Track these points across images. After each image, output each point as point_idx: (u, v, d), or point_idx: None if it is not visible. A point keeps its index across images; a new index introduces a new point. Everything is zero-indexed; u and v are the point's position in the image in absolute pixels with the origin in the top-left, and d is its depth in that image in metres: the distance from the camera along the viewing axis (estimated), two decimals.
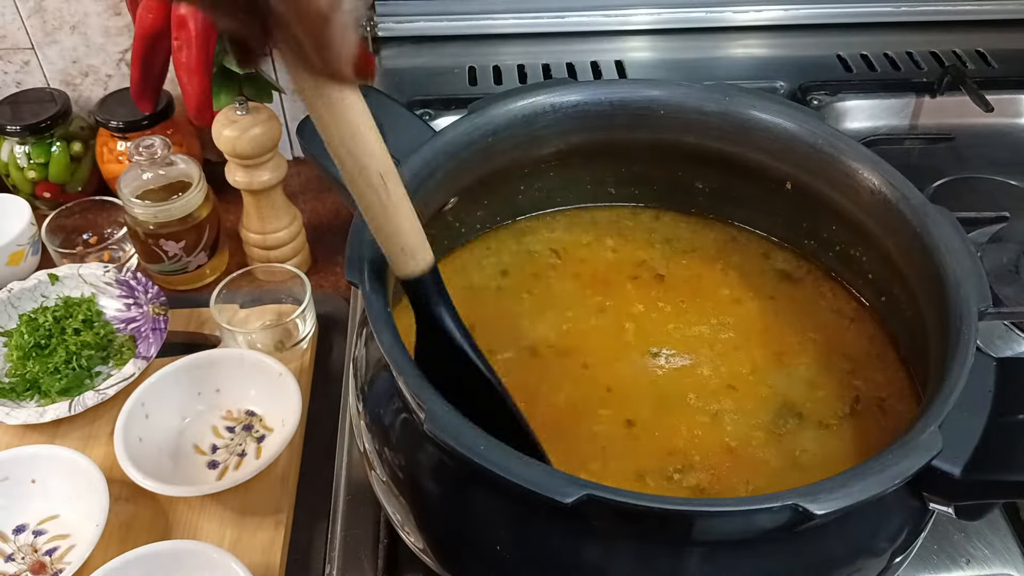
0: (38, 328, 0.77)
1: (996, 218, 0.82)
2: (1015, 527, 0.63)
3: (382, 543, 0.61)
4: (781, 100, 0.60)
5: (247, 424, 0.73)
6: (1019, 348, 0.73)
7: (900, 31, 1.06)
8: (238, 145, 0.78)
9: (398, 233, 0.43)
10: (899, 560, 0.47)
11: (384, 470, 0.51)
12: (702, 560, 0.43)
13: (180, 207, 0.81)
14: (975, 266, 0.49)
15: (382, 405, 0.51)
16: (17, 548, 0.64)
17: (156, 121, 0.91)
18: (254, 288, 0.80)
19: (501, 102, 0.59)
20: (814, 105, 0.96)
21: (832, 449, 0.54)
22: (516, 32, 1.03)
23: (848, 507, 0.39)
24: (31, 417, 0.70)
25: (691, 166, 0.64)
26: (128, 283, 0.81)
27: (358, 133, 0.40)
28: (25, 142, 0.91)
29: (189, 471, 0.69)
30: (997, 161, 0.94)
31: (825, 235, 0.62)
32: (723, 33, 1.06)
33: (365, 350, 0.55)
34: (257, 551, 0.64)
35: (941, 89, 0.97)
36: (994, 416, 0.44)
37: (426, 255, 0.45)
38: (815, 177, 0.59)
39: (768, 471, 0.52)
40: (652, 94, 0.61)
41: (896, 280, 0.56)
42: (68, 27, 0.93)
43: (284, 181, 0.84)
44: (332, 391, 0.75)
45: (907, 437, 0.42)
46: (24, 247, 0.85)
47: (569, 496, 0.38)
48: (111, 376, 0.74)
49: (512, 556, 0.45)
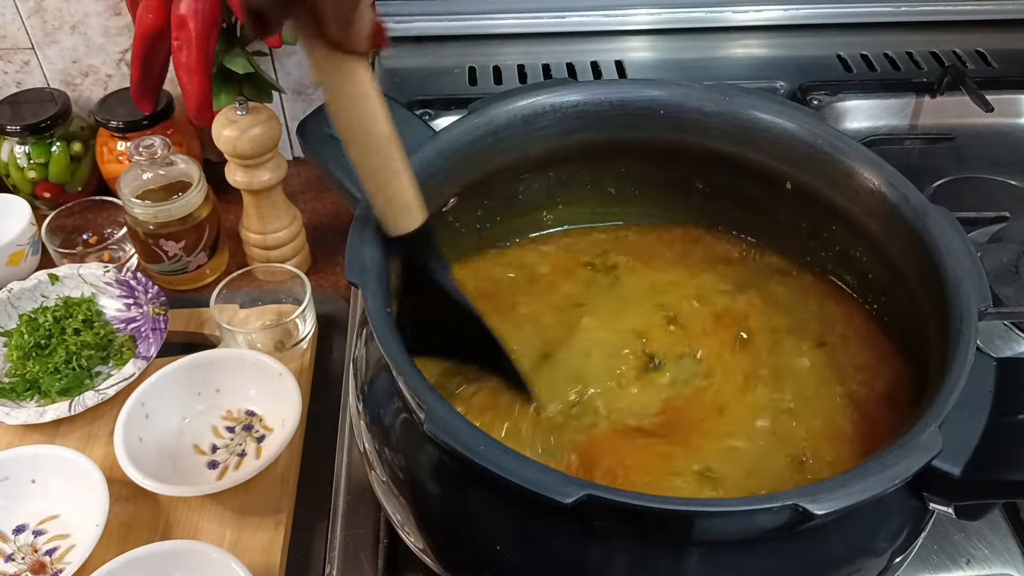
0: (38, 328, 0.77)
1: (996, 218, 0.82)
2: (1015, 527, 0.63)
3: (382, 543, 0.61)
4: (781, 100, 0.60)
5: (247, 424, 0.73)
6: (1019, 348, 0.73)
7: (900, 31, 1.06)
8: (238, 145, 0.78)
9: (402, 191, 0.47)
10: (899, 560, 0.47)
11: (384, 470, 0.51)
12: (702, 560, 0.43)
13: (180, 207, 0.81)
14: (975, 266, 0.49)
15: (382, 405, 0.51)
16: (17, 548, 0.64)
17: (156, 121, 0.91)
18: (254, 288, 0.80)
19: (501, 102, 0.58)
20: (814, 105, 0.96)
21: (833, 447, 0.54)
22: (516, 32, 1.03)
23: (848, 507, 0.39)
24: (31, 417, 0.70)
25: (691, 166, 0.64)
26: (128, 283, 0.81)
27: (368, 100, 0.43)
28: (25, 142, 0.91)
29: (189, 471, 0.69)
30: (997, 161, 0.94)
31: (825, 235, 0.62)
32: (723, 33, 1.05)
33: (365, 350, 0.55)
34: (257, 551, 0.64)
35: (941, 89, 0.97)
36: (994, 416, 0.44)
37: (422, 209, 0.48)
38: (815, 177, 0.59)
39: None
40: (652, 94, 0.61)
41: (896, 280, 0.56)
42: (68, 27, 0.93)
43: (284, 181, 0.84)
44: (332, 391, 0.75)
45: (907, 437, 0.42)
46: (24, 247, 0.85)
47: (569, 496, 0.38)
48: (111, 376, 0.74)
49: (512, 556, 0.45)
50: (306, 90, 1.00)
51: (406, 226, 0.48)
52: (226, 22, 0.78)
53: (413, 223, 0.48)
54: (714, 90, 0.61)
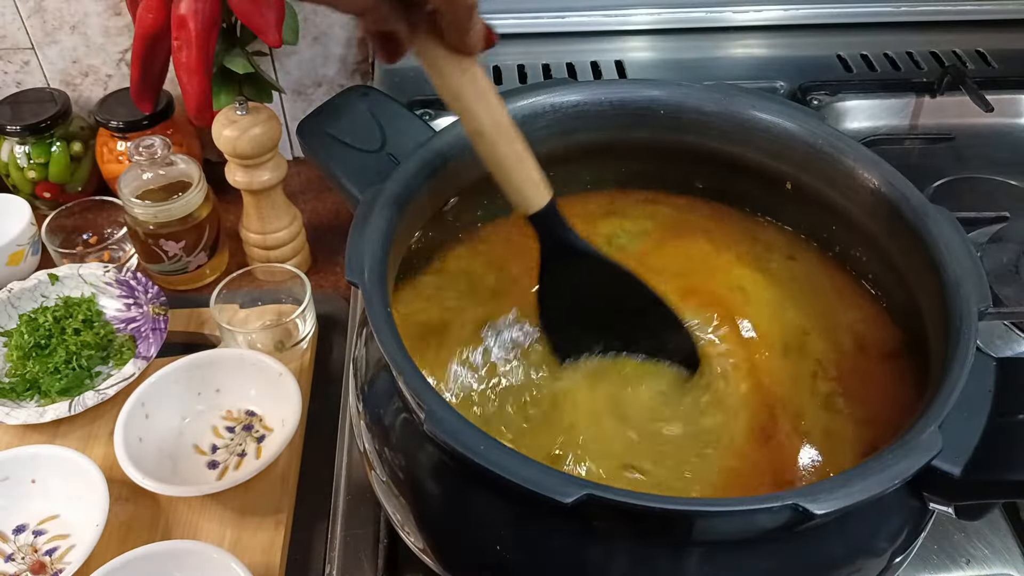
0: (38, 328, 0.77)
1: (996, 218, 0.82)
2: (1015, 527, 0.63)
3: (382, 543, 0.61)
4: (781, 100, 0.60)
5: (247, 424, 0.73)
6: (1019, 348, 0.73)
7: (900, 31, 1.06)
8: (238, 145, 0.78)
9: (531, 172, 0.49)
10: (899, 560, 0.47)
11: (384, 470, 0.51)
12: (702, 560, 0.43)
13: (180, 207, 0.81)
14: (975, 266, 0.49)
15: (382, 405, 0.51)
16: (17, 548, 0.64)
17: (156, 121, 0.91)
18: (254, 288, 0.80)
19: None
20: (814, 105, 0.96)
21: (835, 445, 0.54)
22: (516, 32, 1.03)
23: (848, 507, 0.39)
24: (31, 417, 0.70)
25: (691, 166, 0.64)
26: (128, 283, 0.81)
27: (489, 94, 0.46)
28: (25, 142, 0.91)
29: (189, 471, 0.69)
30: (997, 161, 0.94)
31: (825, 235, 0.62)
32: (723, 33, 1.05)
33: (365, 350, 0.55)
34: (257, 551, 0.64)
35: (941, 89, 0.97)
36: (994, 416, 0.44)
37: (548, 187, 0.50)
38: (815, 177, 0.59)
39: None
40: (652, 94, 0.61)
41: (896, 280, 0.56)
42: (68, 27, 0.93)
43: (284, 181, 0.84)
44: (332, 391, 0.75)
45: (907, 437, 0.42)
46: (24, 247, 0.86)
47: (569, 496, 0.38)
48: (111, 376, 0.74)
49: (512, 556, 0.45)
50: (306, 90, 1.00)
51: (539, 203, 0.50)
52: (226, 22, 0.79)
53: (544, 200, 0.50)
54: (714, 90, 0.61)
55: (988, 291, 0.48)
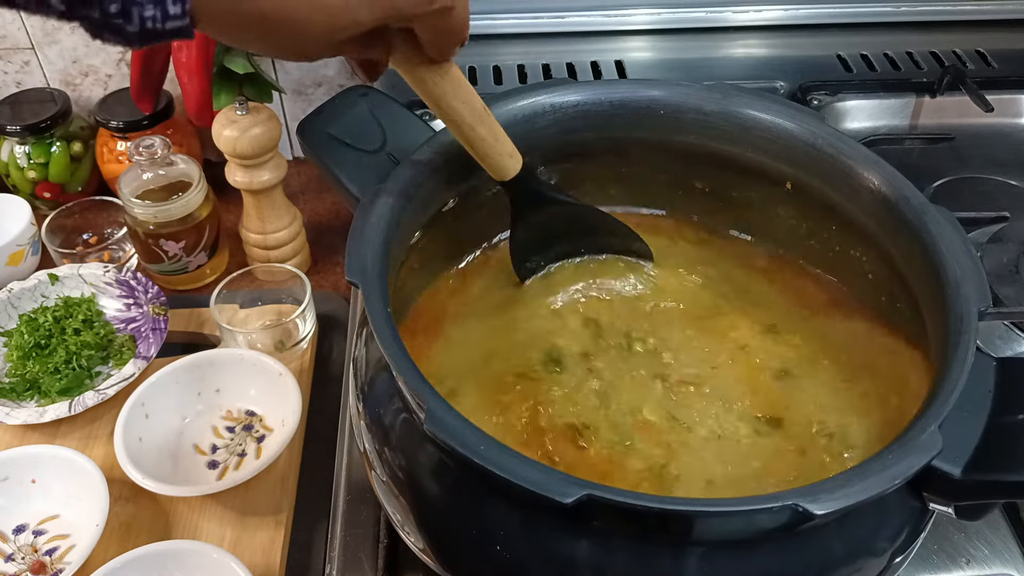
0: (38, 328, 0.77)
1: (996, 218, 0.82)
2: (1015, 527, 0.63)
3: (382, 543, 0.61)
4: (781, 100, 0.60)
5: (247, 424, 0.73)
6: (1019, 348, 0.73)
7: (900, 31, 1.06)
8: (238, 145, 0.78)
9: (505, 146, 0.54)
10: (899, 560, 0.47)
11: (384, 470, 0.51)
12: (702, 560, 0.43)
13: (180, 207, 0.81)
14: (975, 266, 0.49)
15: (382, 405, 0.51)
16: (17, 548, 0.64)
17: (156, 121, 0.91)
18: (254, 288, 0.80)
19: (501, 102, 0.59)
20: (814, 105, 0.96)
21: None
22: (516, 32, 1.03)
23: (848, 507, 0.39)
24: (31, 417, 0.70)
25: (691, 166, 0.64)
26: (128, 283, 0.81)
27: (463, 85, 0.50)
28: (25, 142, 0.91)
29: (189, 471, 0.69)
30: (997, 161, 0.94)
31: (825, 235, 0.62)
32: (723, 33, 1.05)
33: (365, 350, 0.55)
34: (257, 551, 0.64)
35: (941, 89, 0.97)
36: (994, 416, 0.44)
37: (519, 154, 0.56)
38: (815, 177, 0.59)
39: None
40: (652, 94, 0.61)
41: (896, 280, 0.56)
42: (68, 27, 0.93)
43: (284, 181, 0.84)
44: (332, 391, 0.75)
45: (907, 437, 0.42)
46: (24, 247, 0.85)
47: (569, 496, 0.38)
48: (111, 376, 0.74)
49: (512, 556, 0.45)
50: (306, 90, 1.00)
51: (515, 170, 0.56)
52: None
53: (518, 167, 0.56)
54: (714, 90, 0.61)
55: (988, 291, 0.48)
